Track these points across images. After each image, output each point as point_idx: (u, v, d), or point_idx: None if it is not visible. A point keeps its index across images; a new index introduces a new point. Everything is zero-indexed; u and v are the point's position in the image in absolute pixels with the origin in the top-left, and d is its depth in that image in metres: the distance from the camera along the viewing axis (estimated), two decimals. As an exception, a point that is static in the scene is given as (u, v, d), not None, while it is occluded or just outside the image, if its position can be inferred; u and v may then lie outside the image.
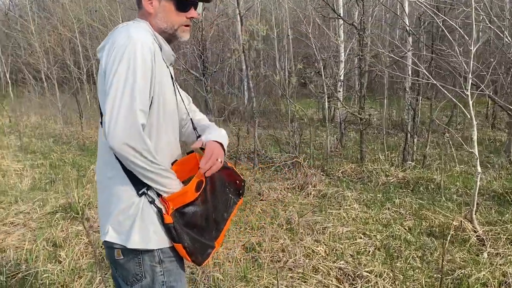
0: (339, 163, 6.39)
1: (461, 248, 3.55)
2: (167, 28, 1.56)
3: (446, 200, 4.71)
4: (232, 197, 1.76)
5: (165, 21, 1.55)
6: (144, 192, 1.51)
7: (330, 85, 6.55)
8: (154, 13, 1.55)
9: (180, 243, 1.52)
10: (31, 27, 13.20)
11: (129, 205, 1.51)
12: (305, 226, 4.05)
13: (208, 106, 5.93)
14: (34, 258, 3.41)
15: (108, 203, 1.55)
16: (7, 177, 5.85)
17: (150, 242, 1.51)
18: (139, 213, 1.50)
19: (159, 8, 1.55)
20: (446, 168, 5.84)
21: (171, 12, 1.55)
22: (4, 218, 4.29)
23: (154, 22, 1.56)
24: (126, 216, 1.51)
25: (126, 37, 1.41)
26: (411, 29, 6.34)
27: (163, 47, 1.55)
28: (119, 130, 1.34)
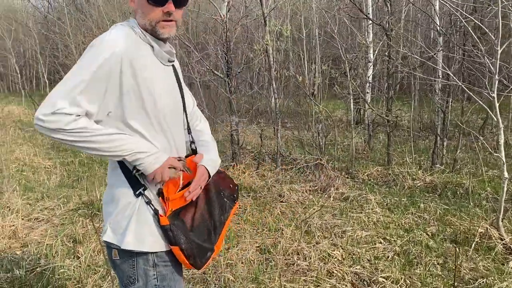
0: (365, 166, 6.26)
1: (485, 256, 3.38)
2: (146, 24, 1.50)
3: (474, 206, 4.51)
4: (227, 202, 1.74)
5: (143, 16, 1.49)
6: (140, 192, 1.50)
7: (356, 86, 6.43)
8: (136, 10, 1.52)
9: (177, 245, 1.50)
10: (68, 29, 13.64)
11: (125, 206, 1.51)
12: (323, 229, 3.98)
13: (231, 107, 5.92)
14: (53, 254, 3.49)
15: (109, 203, 1.56)
16: (37, 174, 6.05)
17: (144, 244, 1.50)
18: (134, 214, 1.49)
19: (137, 4, 1.51)
20: (477, 173, 5.61)
21: (146, 7, 1.48)
22: (29, 214, 4.42)
23: (137, 18, 1.52)
24: (122, 217, 1.51)
25: (100, 39, 1.42)
26: (441, 29, 6.14)
27: (154, 46, 1.51)
28: (40, 107, 1.37)
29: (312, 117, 6.15)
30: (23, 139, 8.79)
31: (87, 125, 1.37)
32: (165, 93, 1.54)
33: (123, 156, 1.44)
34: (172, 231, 1.48)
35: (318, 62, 9.69)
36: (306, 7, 11.03)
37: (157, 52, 1.52)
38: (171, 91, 1.60)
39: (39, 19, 19.11)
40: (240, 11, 7.73)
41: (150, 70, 1.48)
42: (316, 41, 10.39)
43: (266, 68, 7.30)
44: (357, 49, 7.95)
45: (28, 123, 10.68)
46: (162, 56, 1.54)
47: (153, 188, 1.53)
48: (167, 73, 1.60)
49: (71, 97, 1.35)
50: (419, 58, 5.33)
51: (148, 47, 1.51)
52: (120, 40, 1.42)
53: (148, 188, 1.51)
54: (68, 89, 1.36)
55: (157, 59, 1.53)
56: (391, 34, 5.88)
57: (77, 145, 1.39)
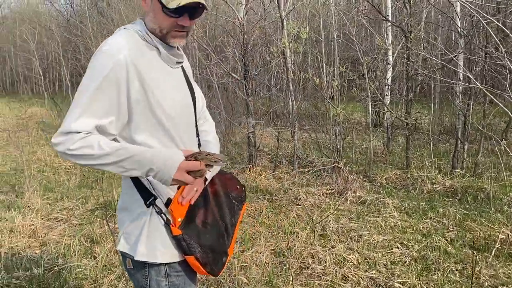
0: (384, 169, 6.19)
1: (506, 263, 3.30)
2: (155, 30, 1.44)
3: (495, 211, 4.41)
4: (236, 203, 1.71)
5: (154, 21, 1.43)
6: (151, 202, 1.45)
7: (374, 88, 6.36)
8: (147, 12, 1.46)
9: (192, 254, 1.46)
10: (89, 32, 13.89)
11: (138, 215, 1.48)
12: (339, 232, 3.94)
13: (249, 109, 5.93)
14: (71, 253, 3.54)
15: (123, 211, 1.54)
16: (57, 175, 6.16)
17: (156, 255, 1.46)
18: (146, 224, 1.46)
19: (151, 6, 1.44)
20: (499, 178, 5.48)
21: (159, 13, 1.41)
22: (49, 213, 4.50)
23: (146, 20, 1.47)
24: (134, 227, 1.48)
25: (100, 50, 1.37)
26: (462, 31, 6.03)
27: (160, 50, 1.46)
28: (57, 134, 1.35)
29: (330, 120, 6.10)
30: (45, 140, 8.96)
31: (93, 142, 1.32)
32: (173, 96, 1.48)
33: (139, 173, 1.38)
34: (185, 240, 1.45)
35: (337, 64, 9.64)
36: (325, 9, 10.99)
37: (163, 55, 1.47)
38: (180, 94, 1.54)
39: (62, 23, 19.51)
40: (258, 13, 7.74)
41: (156, 73, 1.43)
42: (335, 43, 10.33)
43: (284, 70, 7.29)
44: (376, 51, 7.86)
45: (50, 125, 10.90)
46: (169, 59, 1.49)
47: (163, 198, 1.48)
48: (176, 76, 1.54)
49: (79, 114, 1.33)
50: (439, 61, 5.23)
51: (154, 50, 1.46)
52: (123, 45, 1.37)
53: (158, 198, 1.47)
54: (77, 106, 1.34)
55: (164, 62, 1.48)
56: (410, 36, 5.80)
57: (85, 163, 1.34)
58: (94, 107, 1.34)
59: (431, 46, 8.98)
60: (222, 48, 8.12)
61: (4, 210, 4.57)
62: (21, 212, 4.40)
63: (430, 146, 6.66)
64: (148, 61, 1.42)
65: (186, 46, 10.54)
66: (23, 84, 22.15)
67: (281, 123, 9.20)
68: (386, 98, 7.71)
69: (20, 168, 6.32)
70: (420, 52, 5.95)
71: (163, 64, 1.48)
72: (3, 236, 3.86)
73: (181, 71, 1.58)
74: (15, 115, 12.86)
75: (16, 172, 6.29)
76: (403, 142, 7.92)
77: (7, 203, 4.84)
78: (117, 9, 14.78)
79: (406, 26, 6.02)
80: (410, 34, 5.81)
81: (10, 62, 22.52)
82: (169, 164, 1.34)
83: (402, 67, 7.62)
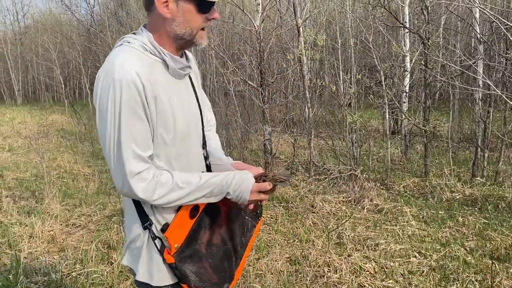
0: (401, 177, 6.11)
1: (528, 274, 3.22)
2: (185, 34, 1.37)
3: (516, 220, 4.31)
4: (250, 220, 1.64)
5: (185, 25, 1.35)
6: (147, 226, 1.39)
7: (392, 95, 6.30)
8: (172, 18, 1.34)
9: (185, 283, 1.40)
10: (109, 41, 14.13)
11: (136, 236, 1.43)
12: (355, 241, 3.90)
13: (265, 116, 5.94)
14: (88, 259, 3.58)
15: (126, 228, 1.51)
16: (76, 181, 6.25)
17: (153, 279, 1.41)
18: (144, 247, 1.41)
19: (177, 11, 1.34)
20: (521, 186, 5.36)
21: (191, 14, 1.35)
22: (67, 219, 4.57)
23: (169, 28, 1.36)
24: (135, 247, 1.44)
25: (111, 78, 1.26)
26: (482, 37, 5.95)
27: (169, 64, 1.39)
28: (126, 190, 1.31)
29: (347, 127, 6.07)
30: (65, 147, 9.13)
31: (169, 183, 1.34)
32: (182, 110, 1.43)
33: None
34: (178, 269, 1.38)
35: (354, 71, 9.59)
36: (341, 17, 10.96)
37: (171, 69, 1.40)
38: (188, 106, 1.48)
39: (82, 32, 19.91)
40: (275, 21, 7.77)
41: (165, 89, 1.37)
42: (351, 50, 10.29)
43: (300, 78, 7.30)
44: (393, 58, 7.80)
45: (70, 132, 11.09)
46: (177, 73, 1.43)
47: (158, 223, 1.40)
48: (183, 86, 1.48)
49: (129, 152, 1.28)
50: (457, 67, 5.17)
51: (161, 64, 1.38)
52: (134, 67, 1.28)
53: (153, 223, 1.39)
54: (120, 146, 1.27)
55: (171, 75, 1.42)
56: (428, 42, 5.74)
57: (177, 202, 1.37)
58: (137, 139, 1.30)
59: (450, 52, 8.87)
60: (238, 56, 8.15)
61: (25, 216, 4.66)
62: (40, 218, 4.48)
63: (449, 153, 6.56)
64: (156, 78, 1.35)
65: (204, 54, 10.63)
66: (45, 92, 22.61)
67: (298, 130, 9.18)
68: (404, 105, 7.62)
69: (40, 174, 6.44)
70: (438, 59, 5.88)
71: (171, 79, 1.41)
72: (23, 241, 3.93)
73: (188, 81, 1.53)
74: (36, 122, 13.13)
75: (37, 178, 6.42)
76: (421, 149, 7.82)
77: (27, 208, 4.93)
78: (136, 18, 15.03)
79: (424, 33, 5.96)
80: (428, 41, 5.76)
81: (33, 71, 23.03)
82: (243, 189, 1.41)
83: (420, 74, 7.54)
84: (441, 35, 10.16)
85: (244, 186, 1.41)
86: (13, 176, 6.52)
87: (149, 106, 1.31)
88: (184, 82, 1.49)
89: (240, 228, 1.59)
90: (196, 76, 1.60)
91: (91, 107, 14.75)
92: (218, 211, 1.51)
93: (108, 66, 1.28)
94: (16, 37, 23.22)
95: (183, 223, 1.41)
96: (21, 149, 8.91)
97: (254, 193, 1.42)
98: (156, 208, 1.39)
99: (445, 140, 7.82)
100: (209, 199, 1.40)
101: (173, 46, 1.41)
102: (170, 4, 1.33)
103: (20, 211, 4.84)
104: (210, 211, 1.47)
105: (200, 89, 1.63)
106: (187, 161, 1.45)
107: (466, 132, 8.86)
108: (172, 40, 1.39)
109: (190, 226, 1.42)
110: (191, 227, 1.42)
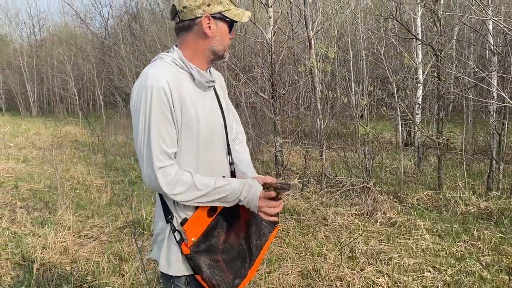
0: (415, 190, 6.04)
1: (546, 291, 3.14)
2: (220, 51, 1.61)
3: (533, 235, 4.22)
4: (266, 225, 1.74)
5: (221, 43, 1.60)
6: (169, 220, 1.56)
7: (404, 107, 6.26)
8: (212, 36, 1.58)
9: (198, 274, 1.54)
10: (123, 54, 14.33)
11: (160, 230, 1.61)
12: (368, 255, 3.85)
13: (276, 128, 5.94)
14: (100, 271, 3.59)
15: (155, 221, 1.66)
16: (89, 192, 6.30)
17: (171, 269, 1.56)
18: (166, 239, 1.57)
19: (216, 31, 1.58)
20: (537, 200, 5.26)
21: (225, 33, 1.60)
22: (80, 231, 4.59)
23: (208, 45, 1.59)
24: (159, 239, 1.61)
25: (144, 86, 1.47)
26: (495, 49, 5.90)
27: (195, 76, 1.58)
28: (152, 183, 1.49)
29: (359, 139, 6.03)
30: (78, 158, 9.21)
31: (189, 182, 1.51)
32: (206, 119, 1.59)
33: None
34: (193, 260, 1.53)
35: (366, 83, 9.57)
36: (353, 28, 10.98)
37: (197, 82, 1.59)
38: (212, 116, 1.64)
39: (96, 45, 20.22)
40: (286, 33, 7.81)
41: (192, 99, 1.55)
42: (363, 62, 10.28)
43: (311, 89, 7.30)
44: (405, 70, 7.77)
45: (84, 143, 11.21)
46: (202, 85, 1.60)
47: (179, 217, 1.56)
48: (208, 98, 1.65)
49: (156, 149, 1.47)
50: (470, 79, 5.12)
51: (188, 77, 1.57)
52: (163, 76, 1.49)
53: (174, 217, 1.56)
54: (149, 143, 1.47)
55: (197, 87, 1.60)
56: (440, 54, 5.71)
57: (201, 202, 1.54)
58: (164, 137, 1.48)
59: (463, 64, 8.80)
60: (250, 68, 8.21)
61: (38, 227, 4.69)
62: (53, 228, 4.51)
63: (463, 166, 6.48)
64: (183, 87, 1.53)
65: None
66: (59, 103, 22.92)
67: (309, 142, 9.16)
68: (417, 117, 7.56)
69: (54, 185, 6.50)
70: (451, 71, 5.84)
71: (197, 89, 1.59)
72: (36, 252, 3.96)
73: (213, 93, 1.70)
74: (50, 134, 13.30)
75: (50, 189, 6.47)
76: (435, 162, 7.73)
77: (40, 219, 4.97)
78: (149, 31, 15.23)
79: (437, 45, 5.93)
80: (440, 53, 5.72)
81: (48, 83, 23.39)
82: (252, 195, 1.55)
83: (433, 85, 7.49)
84: (454, 47, 10.11)
85: (253, 192, 1.55)
86: (27, 187, 6.59)
87: (175, 110, 1.49)
88: (210, 94, 1.66)
89: (257, 232, 1.71)
90: (223, 90, 1.79)
91: (105, 119, 14.92)
92: (237, 216, 1.64)
93: (143, 77, 1.51)
94: (32, 49, 23.64)
95: (200, 220, 1.55)
96: (35, 160, 9.01)
97: (263, 199, 1.56)
98: (178, 205, 1.55)
99: (459, 153, 7.73)
100: (223, 204, 1.55)
101: (205, 61, 1.62)
102: (212, 25, 1.57)
103: (34, 221, 4.88)
104: (229, 214, 1.61)
105: (227, 102, 1.79)
106: (209, 165, 1.61)
107: (480, 144, 8.75)
108: (207, 55, 1.61)
109: (208, 224, 1.56)
110: (208, 224, 1.56)
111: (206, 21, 1.55)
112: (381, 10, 9.30)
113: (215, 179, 1.54)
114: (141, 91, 1.47)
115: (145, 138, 1.47)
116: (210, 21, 1.55)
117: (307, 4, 5.92)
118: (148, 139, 1.46)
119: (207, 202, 1.52)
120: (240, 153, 1.82)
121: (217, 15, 1.56)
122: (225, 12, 1.57)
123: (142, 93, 1.46)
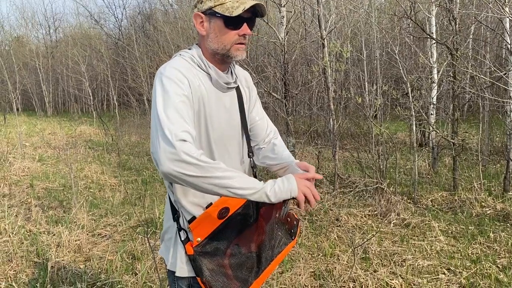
0: (429, 191, 5.97)
1: None
2: (218, 49, 1.49)
3: (552, 237, 4.13)
4: (282, 236, 1.64)
5: (217, 41, 1.48)
6: (175, 218, 1.52)
7: (419, 107, 6.19)
8: (206, 35, 1.50)
9: (198, 277, 1.46)
10: (136, 54, 14.44)
11: (168, 228, 1.58)
12: (382, 256, 3.81)
13: (288, 128, 5.92)
14: (113, 269, 3.61)
15: (164, 220, 1.63)
16: (103, 191, 6.35)
17: (176, 268, 1.52)
18: (173, 237, 1.55)
19: (210, 28, 1.49)
20: (555, 201, 5.16)
21: (221, 30, 1.47)
22: (94, 229, 4.63)
23: (206, 44, 1.51)
24: (167, 238, 1.59)
25: (163, 75, 1.40)
26: (512, 47, 5.79)
27: (212, 76, 1.51)
28: (169, 155, 1.25)
29: (373, 139, 5.98)
30: (92, 157, 9.30)
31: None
32: (219, 118, 1.53)
33: None
34: (195, 261, 1.45)
35: (379, 83, 9.49)
36: (367, 28, 10.90)
37: (214, 82, 1.52)
38: (227, 116, 1.56)
39: (110, 46, 20.41)
40: (299, 33, 7.78)
41: (206, 97, 1.49)
42: (377, 61, 10.20)
43: (324, 89, 7.27)
44: (420, 70, 7.68)
45: (98, 143, 11.32)
46: (219, 85, 1.53)
47: (188, 214, 1.49)
48: (226, 99, 1.56)
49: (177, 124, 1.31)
50: (487, 78, 5.04)
51: (205, 76, 1.51)
52: (182, 68, 1.44)
53: (181, 216, 1.50)
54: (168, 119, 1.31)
55: (214, 87, 1.53)
56: (456, 54, 5.63)
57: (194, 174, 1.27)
58: (184, 117, 1.34)
59: (479, 63, 8.68)
60: (263, 68, 8.19)
61: (53, 225, 4.75)
62: (68, 227, 4.56)
63: (479, 167, 6.38)
64: (200, 84, 1.48)
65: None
66: (74, 103, 23.21)
67: (322, 142, 9.11)
68: (431, 117, 7.48)
69: (68, 184, 6.57)
70: (467, 70, 5.75)
71: (213, 88, 1.52)
72: (50, 250, 4.00)
73: (234, 94, 1.61)
74: (65, 133, 13.45)
75: (65, 188, 6.55)
76: (449, 162, 7.64)
77: (55, 218, 5.02)
78: (163, 32, 15.33)
79: (452, 44, 5.85)
80: (456, 52, 5.65)
81: (62, 83, 23.70)
82: (282, 181, 1.39)
83: (448, 85, 7.40)
84: (470, 46, 9.97)
85: (284, 177, 1.39)
86: (42, 185, 6.67)
87: (192, 101, 1.42)
88: (229, 96, 1.58)
89: (271, 241, 1.59)
90: (249, 90, 1.70)
91: (119, 119, 15.04)
92: (252, 222, 1.52)
93: (162, 68, 1.44)
94: (48, 50, 23.98)
95: (210, 220, 1.44)
96: (50, 159, 9.12)
97: (301, 179, 1.40)
98: (187, 202, 1.48)
99: (475, 153, 7.62)
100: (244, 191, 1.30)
101: (215, 61, 1.53)
102: (205, 23, 1.49)
103: (49, 220, 4.93)
104: (243, 218, 1.50)
105: (252, 104, 1.71)
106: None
107: (496, 145, 8.62)
108: (210, 55, 1.52)
109: (217, 225, 1.45)
110: (217, 226, 1.45)
111: (197, 19, 1.49)
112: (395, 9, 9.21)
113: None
114: (160, 80, 1.39)
115: (162, 117, 1.31)
116: (202, 18, 1.48)
117: (320, 4, 5.89)
118: (167, 117, 1.30)
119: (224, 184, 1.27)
120: (278, 146, 1.72)
121: (208, 11, 1.46)
122: (216, 8, 1.44)
123: (162, 81, 1.38)
